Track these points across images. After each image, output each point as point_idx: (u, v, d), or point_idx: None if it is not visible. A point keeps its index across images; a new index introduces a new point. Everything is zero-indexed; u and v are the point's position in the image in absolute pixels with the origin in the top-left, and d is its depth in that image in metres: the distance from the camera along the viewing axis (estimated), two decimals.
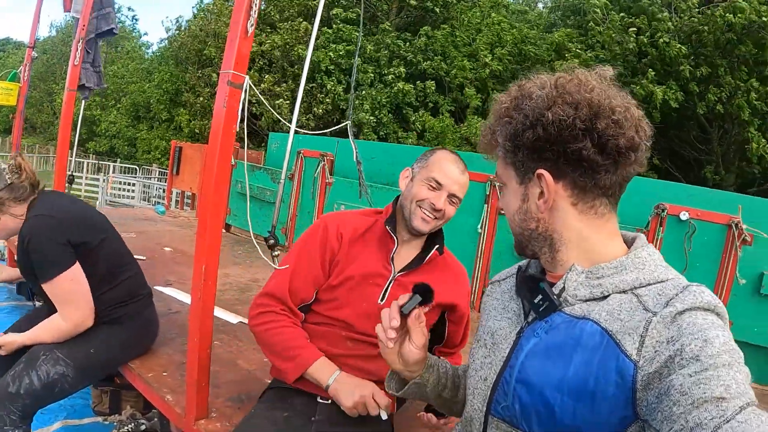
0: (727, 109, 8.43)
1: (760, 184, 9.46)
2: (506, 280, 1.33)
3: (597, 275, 1.05)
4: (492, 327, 1.22)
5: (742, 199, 4.50)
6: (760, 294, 3.74)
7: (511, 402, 1.07)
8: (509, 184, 1.14)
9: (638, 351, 0.93)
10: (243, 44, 1.93)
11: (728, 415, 0.79)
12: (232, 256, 5.28)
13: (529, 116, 1.05)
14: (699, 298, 0.94)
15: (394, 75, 10.34)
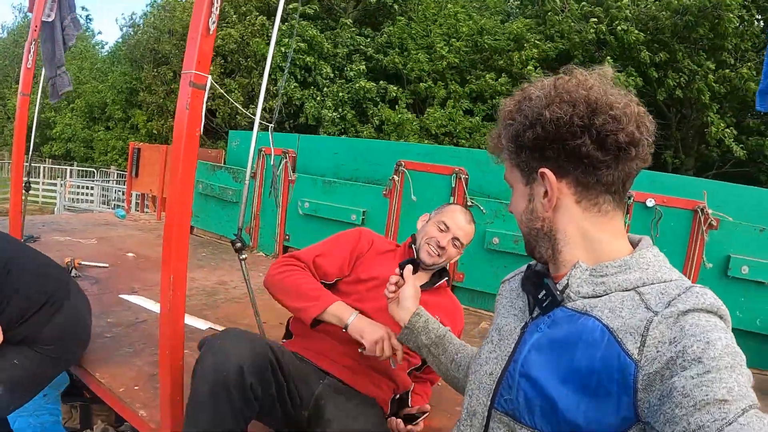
0: (686, 94, 8.55)
1: (719, 167, 9.64)
2: (515, 278, 1.36)
3: (601, 273, 1.07)
4: (500, 324, 1.26)
5: (706, 184, 4.56)
6: (727, 276, 3.81)
7: (515, 395, 1.08)
8: (516, 185, 1.18)
9: (639, 350, 0.93)
10: (205, 43, 1.83)
11: (730, 417, 0.79)
12: (197, 259, 5.14)
13: (529, 116, 1.07)
14: (702, 299, 0.95)
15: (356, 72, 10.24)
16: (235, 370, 1.57)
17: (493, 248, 4.29)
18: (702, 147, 9.44)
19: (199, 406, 1.58)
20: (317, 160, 5.61)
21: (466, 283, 4.52)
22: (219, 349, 1.62)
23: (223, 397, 1.58)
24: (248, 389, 1.60)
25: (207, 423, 1.57)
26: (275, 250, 5.52)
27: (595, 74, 1.09)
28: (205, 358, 1.62)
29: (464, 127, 9.51)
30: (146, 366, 2.57)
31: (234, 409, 1.60)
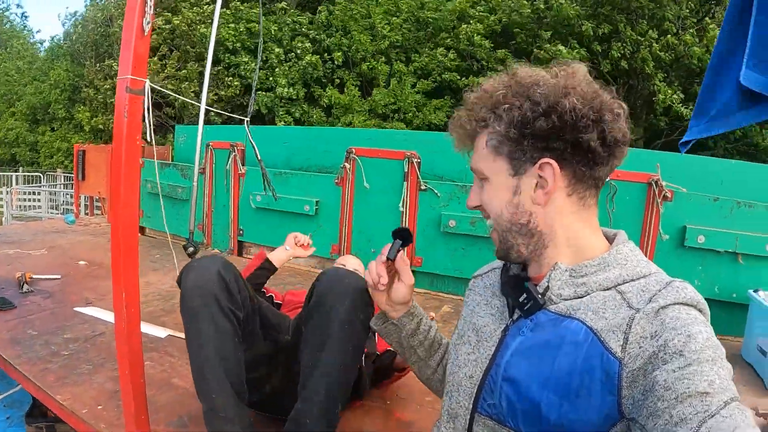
0: (631, 65, 8.64)
1: (668, 135, 9.80)
2: (488, 275, 1.35)
3: (581, 273, 1.07)
4: (476, 323, 1.23)
5: (659, 156, 4.62)
6: (684, 246, 3.88)
7: (498, 400, 1.08)
8: (496, 176, 1.12)
9: (623, 348, 0.94)
10: (140, 45, 1.71)
11: (712, 410, 0.80)
12: (150, 261, 5.00)
13: (542, 104, 1.04)
14: (682, 293, 0.97)
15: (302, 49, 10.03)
16: (214, 273, 1.74)
17: (450, 231, 4.28)
18: (651, 117, 9.58)
19: (196, 317, 1.71)
20: (267, 151, 5.49)
21: (425, 267, 4.49)
22: (196, 265, 1.78)
23: (212, 301, 1.71)
24: (228, 284, 1.75)
25: (207, 327, 1.71)
26: (230, 246, 5.42)
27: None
28: (187, 276, 1.75)
29: (411, 101, 9.42)
30: (107, 382, 2.48)
31: (223, 307, 1.73)
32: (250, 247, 5.44)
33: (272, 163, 5.46)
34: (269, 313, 2.07)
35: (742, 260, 3.81)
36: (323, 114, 9.91)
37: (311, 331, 1.80)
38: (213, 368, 1.71)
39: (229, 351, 1.74)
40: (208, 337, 1.70)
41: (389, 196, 4.49)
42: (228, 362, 1.73)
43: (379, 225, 4.59)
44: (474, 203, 1.18)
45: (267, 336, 2.03)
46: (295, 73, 10.03)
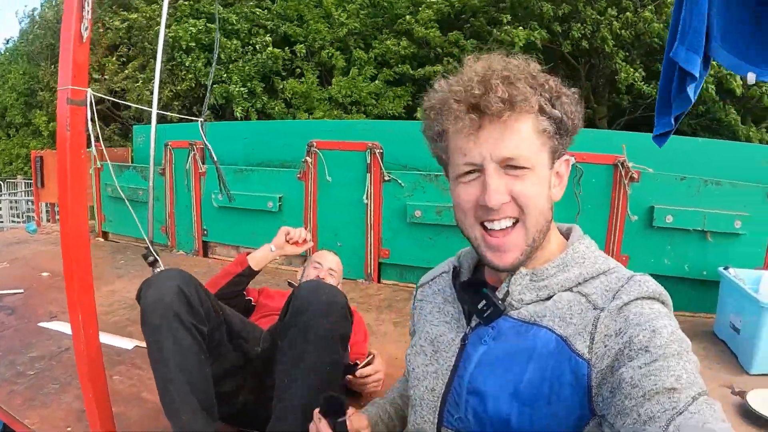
0: (592, 44, 8.65)
1: (631, 113, 9.86)
2: (435, 281, 1.30)
3: (541, 276, 1.05)
4: (431, 333, 1.19)
5: (624, 136, 4.63)
6: (652, 227, 3.88)
7: (464, 413, 1.04)
8: (539, 167, 1.03)
9: (590, 349, 0.93)
10: (79, 53, 1.62)
11: (680, 406, 0.78)
12: (114, 267, 4.85)
13: (572, 97, 1.05)
14: (644, 287, 0.96)
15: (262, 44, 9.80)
16: (174, 288, 1.69)
17: (416, 221, 4.22)
18: (613, 95, 9.62)
19: (158, 335, 1.65)
20: (227, 147, 5.39)
21: (392, 259, 4.45)
22: (154, 281, 1.73)
23: (173, 318, 1.66)
24: (189, 299, 1.70)
25: (171, 346, 1.65)
26: (195, 247, 5.30)
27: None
28: (146, 293, 1.70)
29: (369, 92, 9.28)
30: (75, 402, 2.38)
31: (185, 324, 1.68)
32: (215, 246, 5.33)
33: (232, 159, 5.36)
34: (237, 324, 2.01)
35: (711, 238, 3.83)
36: (284, 106, 9.71)
37: (288, 346, 1.75)
38: (179, 387, 1.65)
39: (195, 368, 1.69)
40: (171, 356, 1.65)
41: (353, 188, 4.42)
42: (194, 380, 1.68)
43: (344, 219, 4.52)
44: (503, 198, 1.00)
45: (236, 348, 1.98)
46: (252, 68, 9.80)
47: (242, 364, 2.00)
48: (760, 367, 2.99)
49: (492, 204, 0.99)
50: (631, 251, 3.96)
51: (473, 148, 1.00)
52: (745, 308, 3.12)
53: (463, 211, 1.06)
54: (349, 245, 4.52)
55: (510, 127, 0.97)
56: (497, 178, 0.99)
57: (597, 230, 3.97)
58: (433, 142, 1.12)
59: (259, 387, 2.03)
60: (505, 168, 0.99)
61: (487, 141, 0.98)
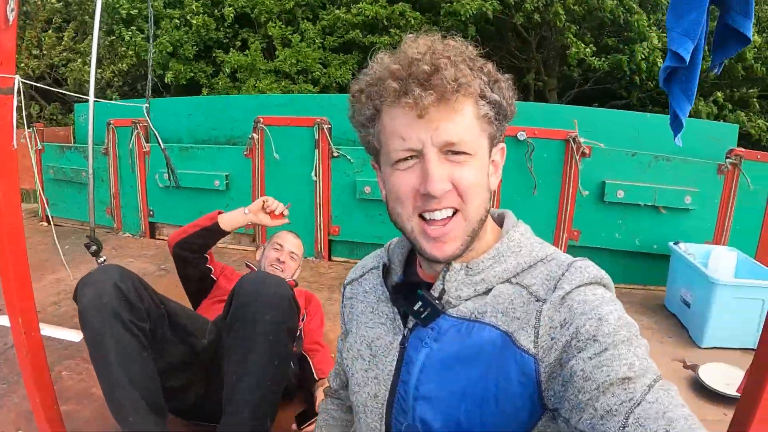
0: (544, 17, 8.62)
1: (580, 85, 9.91)
2: (365, 278, 1.23)
3: (477, 270, 1.00)
4: (367, 336, 1.13)
5: (576, 111, 4.67)
6: (603, 201, 3.93)
7: (412, 420, 0.99)
8: (480, 153, 0.97)
9: (535, 343, 0.89)
10: (5, 37, 1.50)
11: (637, 397, 0.76)
12: (60, 254, 4.67)
13: (493, 75, 0.98)
14: (585, 273, 0.92)
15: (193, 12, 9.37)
16: (111, 287, 1.61)
17: (366, 197, 4.19)
18: (564, 68, 9.64)
19: (98, 338, 1.59)
20: (171, 125, 5.24)
21: (342, 235, 4.41)
22: (91, 281, 1.65)
23: (112, 318, 1.59)
24: (127, 296, 1.63)
25: (112, 348, 1.59)
26: (141, 228, 5.16)
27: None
28: (83, 294, 1.63)
29: (314, 59, 9.04)
30: (24, 402, 2.26)
31: (125, 323, 1.61)
32: (162, 227, 5.21)
33: (176, 137, 5.22)
34: (182, 317, 1.93)
35: (664, 211, 3.90)
36: (228, 80, 9.38)
37: (234, 342, 1.70)
38: (124, 390, 1.60)
39: (139, 367, 1.64)
40: (114, 358, 1.59)
41: (301, 165, 4.35)
42: (139, 380, 1.63)
43: (293, 196, 4.40)
44: (446, 185, 0.93)
45: (182, 341, 1.90)
46: (183, 36, 9.38)
47: (190, 358, 1.92)
48: (710, 341, 3.07)
49: (435, 192, 0.91)
50: (582, 226, 3.99)
51: (413, 132, 0.92)
52: (696, 283, 3.18)
53: (399, 200, 0.97)
54: (299, 223, 4.43)
55: (454, 110, 0.91)
56: (439, 165, 0.92)
57: (548, 205, 4.00)
58: (363, 128, 1.03)
59: (209, 380, 1.97)
60: (446, 154, 0.93)
61: (429, 125, 0.91)
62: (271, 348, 1.67)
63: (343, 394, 1.42)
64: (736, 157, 3.84)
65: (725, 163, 3.86)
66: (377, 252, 1.27)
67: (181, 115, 5.33)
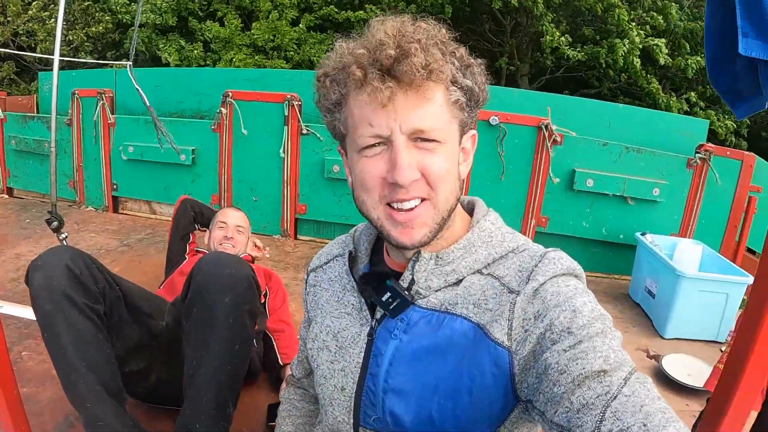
0: (521, 3, 8.61)
1: (552, 72, 9.96)
2: (330, 266, 1.20)
3: (447, 260, 0.97)
4: (332, 326, 1.10)
5: (549, 98, 4.66)
6: (573, 189, 3.95)
7: (382, 414, 0.97)
8: (450, 141, 0.93)
9: (508, 335, 0.88)
10: None
11: (614, 390, 0.75)
12: (20, 227, 4.51)
13: (479, 68, 0.96)
14: (558, 265, 0.91)
15: None
16: (62, 269, 1.55)
17: (334, 176, 4.14)
18: (537, 54, 9.67)
19: (51, 322, 1.53)
20: (137, 95, 5.09)
21: (309, 214, 4.36)
22: (41, 264, 1.58)
23: (65, 302, 1.53)
24: (80, 277, 1.57)
25: (66, 333, 1.52)
26: (104, 202, 5.03)
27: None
28: (34, 277, 1.55)
29: (290, 38, 8.90)
30: None
31: (78, 306, 1.55)
32: (126, 202, 5.09)
33: (142, 108, 5.06)
34: (138, 298, 1.86)
35: (632, 202, 3.94)
36: (203, 50, 9.17)
37: (193, 327, 1.64)
38: (81, 376, 1.53)
39: (95, 353, 1.57)
40: (68, 342, 1.52)
41: (269, 141, 4.28)
42: (95, 365, 1.56)
43: (260, 173, 4.38)
44: (415, 174, 0.90)
45: (139, 324, 1.83)
46: (162, 2, 9.13)
47: (148, 341, 1.86)
48: (673, 332, 3.12)
49: (403, 181, 0.88)
50: (550, 213, 4.01)
51: (381, 118, 0.88)
52: (662, 274, 3.22)
53: (365, 188, 0.94)
54: (266, 200, 4.40)
55: (424, 97, 0.87)
56: (407, 153, 0.89)
57: (518, 191, 4.00)
58: (329, 112, 0.99)
59: (169, 363, 1.91)
60: (415, 141, 0.90)
61: (398, 111, 0.87)
62: (232, 331, 1.61)
63: (306, 382, 1.40)
64: (706, 152, 3.88)
65: (695, 158, 3.90)
66: (341, 238, 1.24)
67: (148, 86, 5.18)
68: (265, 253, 2.95)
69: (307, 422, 1.36)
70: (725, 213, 4.03)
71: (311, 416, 1.37)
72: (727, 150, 4.00)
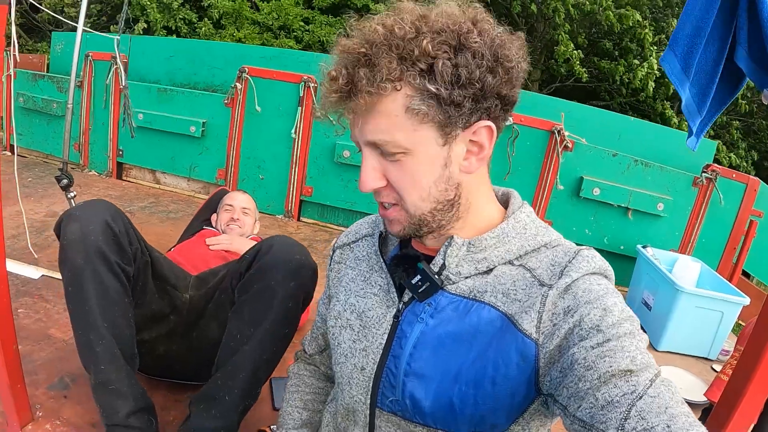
0: (541, 10, 8.62)
1: (564, 80, 9.96)
2: (358, 245, 1.19)
3: (480, 247, 0.96)
4: (357, 306, 1.09)
5: (563, 104, 4.66)
6: (579, 197, 3.96)
7: (401, 396, 0.97)
8: (420, 148, 0.89)
9: (537, 328, 0.88)
10: None
11: (640, 390, 0.75)
12: (23, 186, 4.44)
13: (486, 56, 0.85)
14: (591, 263, 0.91)
15: None
16: (101, 225, 1.51)
17: (344, 162, 4.13)
18: (550, 62, 9.68)
19: (79, 277, 1.49)
20: (150, 64, 5.09)
21: (315, 197, 4.35)
22: (78, 215, 1.53)
23: (98, 258, 1.49)
24: (118, 236, 1.54)
25: (93, 290, 1.49)
26: (108, 168, 5.01)
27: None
28: (69, 227, 1.51)
29: (297, 15, 8.83)
30: None
31: (111, 264, 1.51)
32: (130, 169, 5.06)
33: (155, 77, 5.07)
34: (165, 269, 1.85)
35: (632, 216, 3.97)
36: (213, 27, 9.10)
37: (248, 302, 1.62)
38: (102, 338, 1.50)
39: (120, 316, 1.54)
40: (95, 302, 1.49)
41: (282, 121, 4.26)
42: (117, 328, 1.54)
43: (269, 151, 4.37)
44: (376, 184, 0.92)
45: (162, 293, 1.82)
46: None
47: (167, 312, 1.85)
48: (667, 345, 3.15)
49: (363, 190, 0.92)
50: (554, 217, 4.02)
51: (352, 127, 0.93)
52: (660, 288, 3.24)
53: None
54: (272, 179, 4.39)
55: (375, 110, 0.86)
56: (370, 163, 0.91)
57: (524, 193, 3.98)
58: None
59: (184, 338, 1.90)
60: (390, 152, 0.89)
61: (359, 123, 0.89)
62: (287, 315, 1.60)
63: (318, 359, 1.39)
64: (713, 172, 3.90)
65: (701, 177, 3.92)
66: (371, 218, 1.23)
67: (161, 56, 5.17)
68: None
69: (316, 399, 1.36)
70: (726, 234, 4.06)
71: (320, 393, 1.37)
72: (733, 172, 4.04)
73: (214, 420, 1.61)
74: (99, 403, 1.56)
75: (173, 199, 4.55)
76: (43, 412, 1.81)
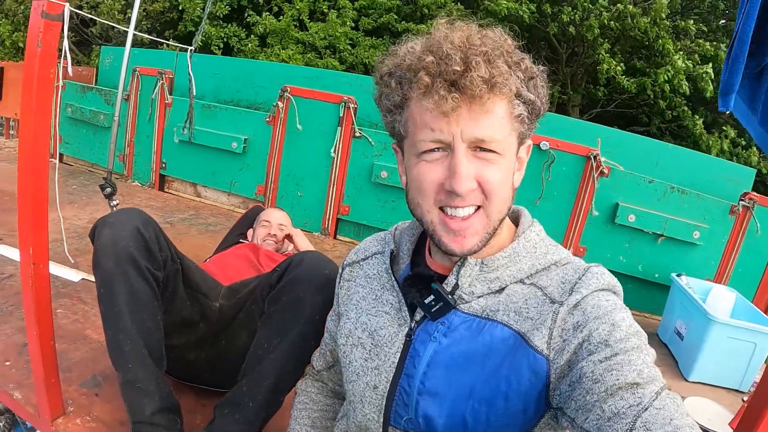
0: (579, 31, 8.59)
1: (604, 105, 9.88)
2: (368, 262, 1.20)
3: (492, 267, 0.99)
4: (369, 324, 1.10)
5: (600, 130, 4.63)
6: (614, 223, 3.91)
7: (414, 414, 0.99)
8: (508, 153, 0.95)
9: (548, 344, 0.90)
10: None
11: (645, 402, 0.77)
12: (67, 192, 4.63)
13: (530, 72, 0.95)
14: (601, 280, 0.93)
15: None
16: (132, 231, 1.57)
17: (381, 182, 4.17)
18: (590, 85, 9.62)
19: (110, 281, 1.54)
20: (196, 81, 5.19)
21: (351, 216, 4.39)
22: (112, 221, 1.59)
23: (128, 262, 1.54)
24: (148, 243, 1.59)
25: (123, 292, 1.54)
26: (151, 179, 5.15)
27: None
28: (102, 232, 1.57)
29: (343, 32, 8.88)
30: (16, 335, 2.24)
31: (141, 268, 1.56)
32: (172, 182, 5.20)
33: (200, 94, 5.17)
34: (197, 277, 1.90)
35: (665, 243, 3.91)
36: (258, 43, 9.25)
37: (277, 313, 1.67)
38: (131, 338, 1.56)
39: (148, 318, 1.60)
40: (124, 304, 1.54)
41: (322, 140, 4.33)
42: (146, 330, 1.59)
43: (308, 169, 4.44)
44: (472, 183, 0.91)
45: (192, 301, 1.87)
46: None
47: (197, 320, 1.90)
48: (698, 375, 3.07)
49: (460, 190, 0.90)
50: (589, 243, 4.00)
51: (443, 124, 0.90)
52: (693, 317, 3.18)
53: (422, 192, 0.95)
54: (310, 197, 4.45)
55: (487, 109, 0.89)
56: (467, 162, 0.90)
57: (559, 218, 3.99)
58: (389, 113, 1.01)
59: (213, 345, 1.95)
60: (474, 150, 0.91)
61: (461, 120, 0.89)
62: (314, 328, 1.62)
63: (326, 375, 1.41)
64: (750, 201, 3.83)
65: (738, 205, 3.86)
66: (380, 235, 1.25)
67: (207, 73, 5.29)
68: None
69: (324, 416, 1.38)
70: (762, 263, 3.97)
71: (327, 411, 1.39)
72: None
73: (237, 425, 1.64)
74: (126, 401, 1.61)
75: (213, 213, 4.65)
76: (74, 408, 1.87)
